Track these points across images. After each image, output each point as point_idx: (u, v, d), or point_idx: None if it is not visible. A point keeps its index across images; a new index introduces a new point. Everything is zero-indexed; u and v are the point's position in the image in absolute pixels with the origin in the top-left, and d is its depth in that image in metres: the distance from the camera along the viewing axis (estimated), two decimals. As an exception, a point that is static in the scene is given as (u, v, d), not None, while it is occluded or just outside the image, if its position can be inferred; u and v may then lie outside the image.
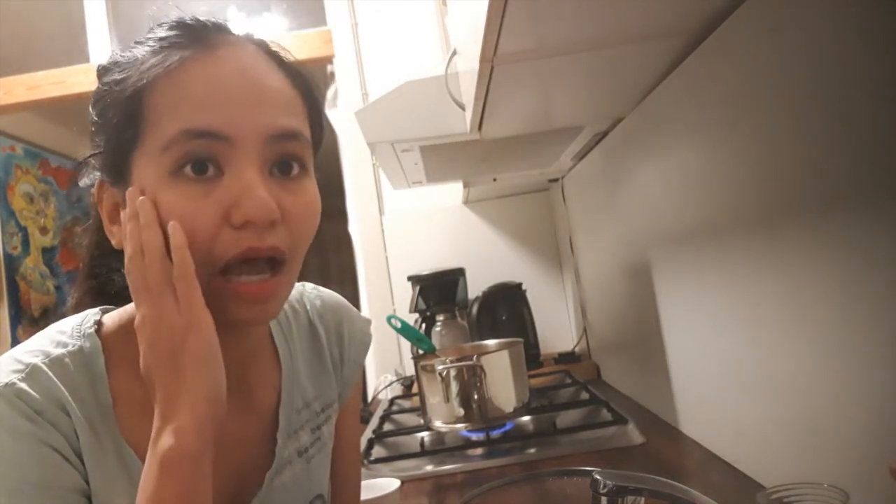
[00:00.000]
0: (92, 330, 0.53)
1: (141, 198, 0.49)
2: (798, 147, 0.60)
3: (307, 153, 0.54)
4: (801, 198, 0.61)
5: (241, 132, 0.48)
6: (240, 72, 0.50)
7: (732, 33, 0.69)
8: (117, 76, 0.51)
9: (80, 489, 0.48)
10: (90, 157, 0.54)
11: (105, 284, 0.60)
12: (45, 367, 0.49)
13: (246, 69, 0.50)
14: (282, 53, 0.55)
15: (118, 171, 0.51)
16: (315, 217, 0.54)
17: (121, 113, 0.49)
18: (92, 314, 0.56)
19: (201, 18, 0.52)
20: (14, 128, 2.61)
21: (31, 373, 0.48)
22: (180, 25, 0.52)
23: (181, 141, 0.47)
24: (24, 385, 0.47)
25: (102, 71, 0.53)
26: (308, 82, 0.56)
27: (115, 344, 0.53)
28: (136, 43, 0.52)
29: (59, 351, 0.51)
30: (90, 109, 0.53)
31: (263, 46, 0.54)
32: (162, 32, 0.51)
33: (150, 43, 0.51)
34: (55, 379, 0.49)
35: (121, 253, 0.52)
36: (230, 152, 0.48)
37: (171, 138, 0.47)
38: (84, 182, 0.55)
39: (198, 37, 0.51)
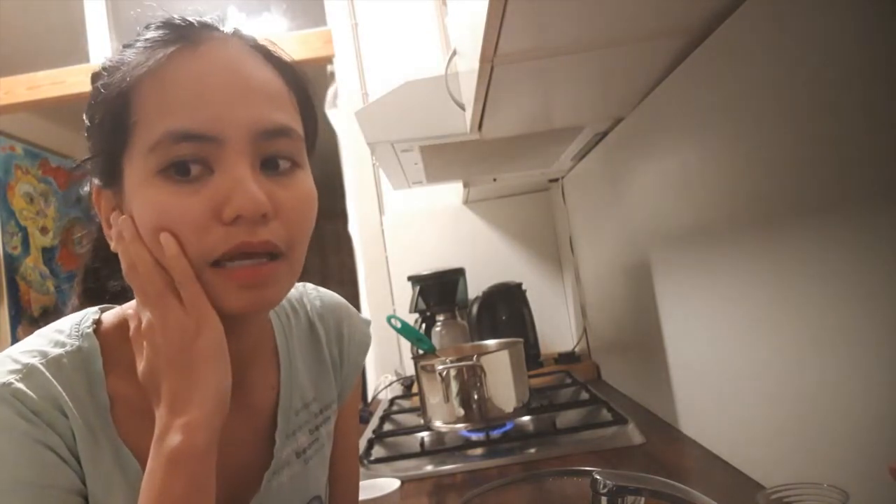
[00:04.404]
0: (90, 329, 0.53)
1: (122, 217, 0.50)
2: (798, 147, 0.60)
3: (299, 147, 0.53)
4: (801, 198, 0.61)
5: (228, 131, 0.48)
6: (225, 66, 0.49)
7: (732, 33, 0.69)
8: (106, 79, 0.51)
9: (77, 489, 0.48)
10: (84, 161, 0.54)
11: (104, 286, 0.60)
12: (42, 368, 0.49)
13: (231, 63, 0.50)
14: (270, 48, 0.54)
15: (111, 173, 0.51)
16: (310, 209, 0.53)
17: (108, 115, 0.49)
18: (91, 313, 0.56)
19: (189, 18, 0.52)
20: (14, 128, 2.61)
21: (29, 373, 0.48)
22: (167, 25, 0.51)
23: (167, 142, 0.47)
24: (21, 385, 0.47)
25: (94, 77, 0.53)
26: (297, 74, 0.55)
27: (114, 344, 0.53)
28: (125, 46, 0.52)
29: (57, 351, 0.51)
30: (83, 116, 0.53)
31: (250, 41, 0.54)
32: (150, 33, 0.51)
33: (139, 44, 0.51)
34: (52, 379, 0.49)
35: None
36: (219, 151, 0.48)
37: (157, 139, 0.47)
38: (84, 190, 0.55)
39: (183, 34, 0.50)
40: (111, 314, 0.56)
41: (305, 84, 0.56)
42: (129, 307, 0.56)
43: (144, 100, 0.48)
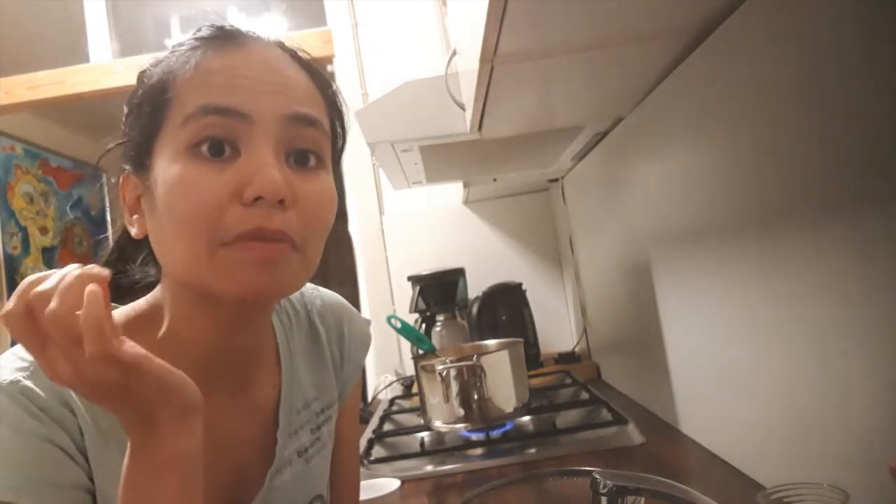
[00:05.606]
0: None
1: None
2: (797, 147, 0.60)
3: (325, 145, 0.54)
4: (801, 198, 0.61)
5: (259, 112, 0.49)
6: (264, 62, 0.52)
7: (732, 33, 0.69)
8: (150, 70, 0.53)
9: (84, 487, 0.48)
10: (116, 144, 0.55)
11: (121, 279, 0.61)
12: None
13: (270, 60, 0.52)
14: (309, 59, 0.58)
15: (140, 158, 0.51)
16: (328, 208, 0.53)
17: (147, 98, 0.51)
18: None
19: (238, 26, 0.55)
20: (14, 128, 2.61)
21: (37, 370, 0.48)
22: (214, 27, 0.54)
23: (200, 115, 0.48)
24: (28, 382, 0.47)
25: (141, 72, 0.55)
26: (329, 84, 0.58)
27: None
28: (175, 45, 0.54)
29: None
30: (124, 105, 0.55)
31: (291, 51, 0.57)
32: (198, 34, 0.54)
33: (187, 43, 0.53)
34: None
35: (138, 244, 0.55)
36: (248, 132, 0.49)
37: (190, 113, 0.48)
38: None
39: (227, 34, 0.53)
40: (120, 313, 0.56)
41: (338, 97, 0.59)
42: (137, 305, 0.56)
43: (182, 84, 0.50)
